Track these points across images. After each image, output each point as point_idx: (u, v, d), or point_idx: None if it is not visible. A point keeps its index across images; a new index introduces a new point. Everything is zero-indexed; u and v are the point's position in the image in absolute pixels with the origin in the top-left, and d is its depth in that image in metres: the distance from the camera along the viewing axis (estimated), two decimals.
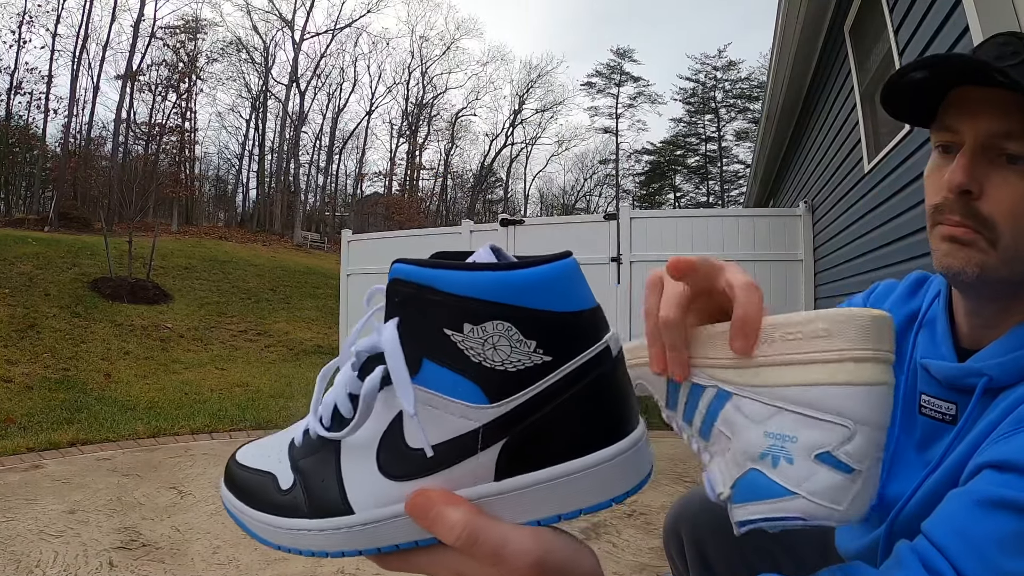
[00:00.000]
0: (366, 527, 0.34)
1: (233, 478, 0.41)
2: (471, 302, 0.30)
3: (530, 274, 0.30)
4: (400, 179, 35.44)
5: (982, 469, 0.50)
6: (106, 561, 2.25)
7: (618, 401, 0.33)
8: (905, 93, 0.63)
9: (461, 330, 0.30)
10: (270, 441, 0.43)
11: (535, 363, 0.31)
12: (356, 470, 0.35)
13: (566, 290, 0.31)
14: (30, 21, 22.19)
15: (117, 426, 4.33)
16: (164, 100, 24.73)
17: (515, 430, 0.31)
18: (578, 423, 0.32)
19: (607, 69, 38.14)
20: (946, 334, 0.65)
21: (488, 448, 0.32)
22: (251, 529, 0.39)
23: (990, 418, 0.55)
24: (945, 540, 0.45)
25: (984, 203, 0.57)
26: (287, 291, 12.04)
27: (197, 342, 8.11)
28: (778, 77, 5.23)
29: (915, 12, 2.59)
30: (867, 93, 3.61)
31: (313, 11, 38.19)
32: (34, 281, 8.73)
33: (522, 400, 0.31)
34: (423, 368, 0.32)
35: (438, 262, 0.31)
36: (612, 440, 0.32)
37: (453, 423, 0.32)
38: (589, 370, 0.32)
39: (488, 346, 0.30)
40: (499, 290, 0.30)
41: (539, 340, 0.30)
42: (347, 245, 6.93)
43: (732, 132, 35.55)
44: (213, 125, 45.32)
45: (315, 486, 0.36)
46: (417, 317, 0.31)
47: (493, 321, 0.30)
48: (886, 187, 3.17)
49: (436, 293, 0.31)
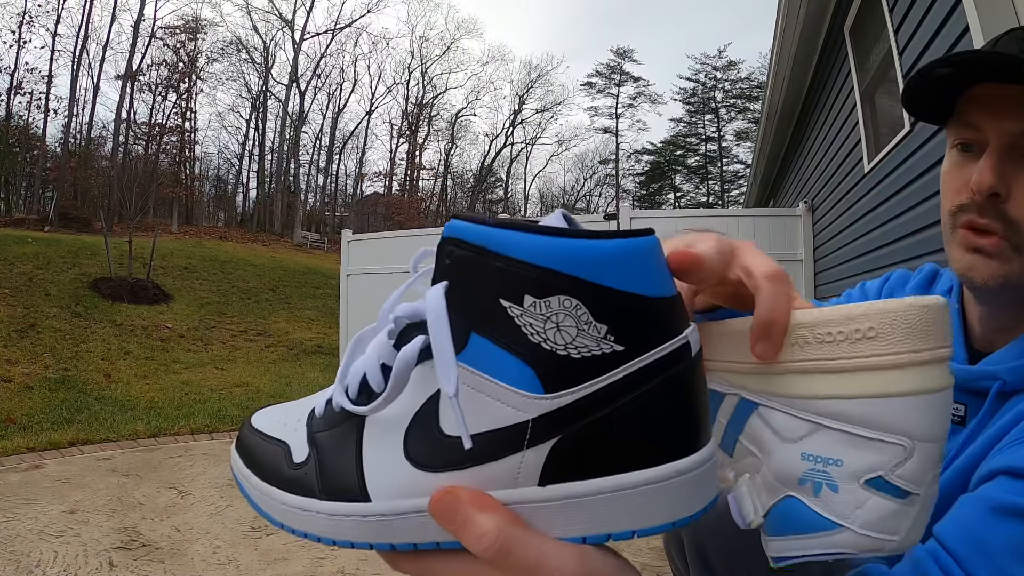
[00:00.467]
0: (382, 519, 0.30)
1: (244, 443, 0.38)
2: (536, 270, 0.26)
3: (610, 247, 0.26)
4: (400, 179, 35.46)
5: (995, 475, 0.49)
6: (106, 561, 2.25)
7: (694, 408, 0.29)
8: (926, 90, 0.61)
9: (521, 302, 0.26)
10: (291, 407, 0.39)
11: (604, 351, 0.26)
12: (379, 452, 0.31)
13: (648, 271, 0.27)
14: (30, 21, 22.21)
15: (117, 426, 4.33)
16: (164, 100, 24.74)
17: (571, 429, 0.27)
18: (645, 429, 0.27)
19: (607, 69, 38.20)
20: (958, 334, 0.65)
21: (536, 446, 0.27)
22: (256, 502, 0.35)
23: (1002, 422, 0.55)
24: (958, 546, 0.45)
25: (1012, 205, 0.56)
26: (287, 291, 12.04)
27: (197, 342, 8.11)
28: (778, 77, 5.23)
29: (915, 12, 2.59)
30: (867, 93, 3.61)
31: (313, 11, 38.22)
32: (34, 281, 8.72)
33: (584, 394, 0.27)
34: (470, 343, 0.27)
35: (503, 220, 0.27)
36: (682, 453, 0.28)
37: (498, 411, 0.27)
38: (665, 367, 0.27)
39: (551, 325, 0.26)
40: (571, 261, 0.26)
41: (611, 325, 0.26)
42: (347, 245, 6.93)
43: (732, 132, 35.61)
44: (213, 125, 45.29)
45: (331, 464, 0.32)
46: (470, 283, 0.27)
47: (560, 296, 0.26)
48: (886, 187, 3.17)
49: (496, 257, 0.26)
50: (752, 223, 5.28)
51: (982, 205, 0.57)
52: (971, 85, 0.59)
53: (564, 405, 0.27)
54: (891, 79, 3.04)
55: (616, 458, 0.27)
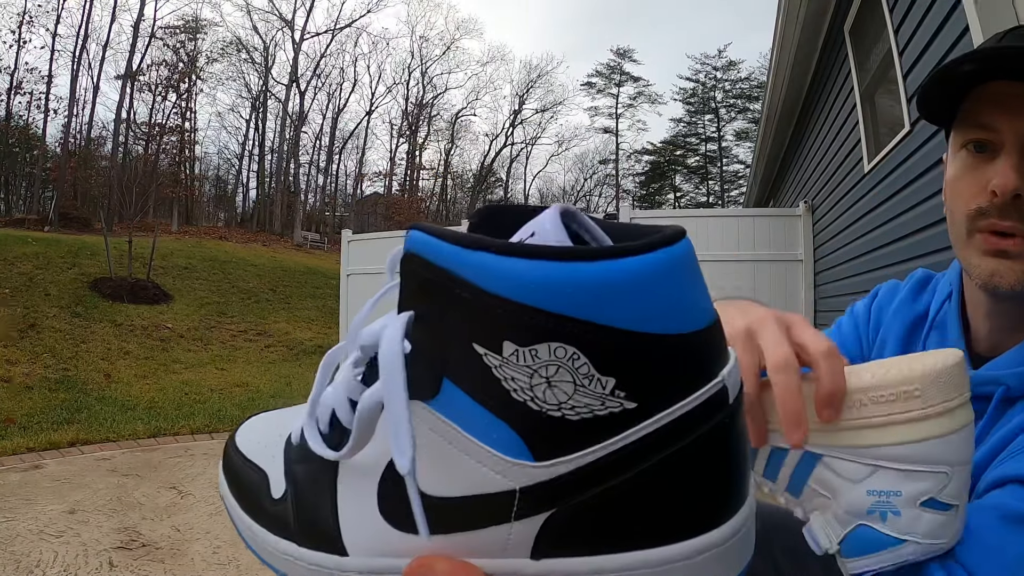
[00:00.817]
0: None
1: (229, 465, 0.35)
2: (516, 309, 0.19)
3: (624, 271, 0.19)
4: (400, 179, 35.46)
5: (1005, 483, 0.49)
6: (106, 561, 2.25)
7: (730, 469, 0.22)
8: (944, 89, 0.60)
9: (499, 351, 0.20)
10: (273, 421, 0.35)
11: (611, 411, 0.20)
12: (353, 502, 0.26)
13: (674, 296, 0.20)
14: (30, 21, 22.20)
15: (117, 426, 4.33)
16: (164, 100, 24.69)
17: (568, 502, 0.21)
18: (666, 500, 0.21)
19: (607, 69, 38.19)
20: (959, 339, 0.63)
21: (525, 519, 0.22)
22: (243, 534, 0.33)
23: (1007, 428, 0.54)
24: (970, 558, 0.44)
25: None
26: (287, 291, 12.04)
27: (197, 342, 8.11)
28: (778, 77, 5.23)
29: (915, 12, 2.59)
30: (867, 93, 3.61)
31: (313, 11, 38.16)
32: (34, 281, 8.72)
33: (584, 463, 0.21)
34: (443, 390, 0.22)
35: (474, 237, 0.20)
36: (713, 523, 0.22)
37: (479, 474, 0.22)
38: (694, 424, 0.21)
39: (539, 380, 0.20)
40: (566, 293, 0.19)
41: (621, 376, 0.20)
42: (347, 245, 6.94)
43: (732, 132, 35.61)
44: (213, 125, 45.32)
45: (307, 507, 0.28)
46: (439, 316, 0.21)
47: (550, 343, 0.19)
48: (886, 187, 3.17)
49: (465, 287, 0.20)
50: (752, 223, 5.28)
51: (1004, 207, 0.55)
52: (983, 83, 0.58)
53: (560, 476, 0.21)
54: (891, 79, 3.04)
55: (629, 534, 0.22)
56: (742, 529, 0.23)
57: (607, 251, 0.19)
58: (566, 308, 0.19)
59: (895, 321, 0.72)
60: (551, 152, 49.91)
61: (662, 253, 0.20)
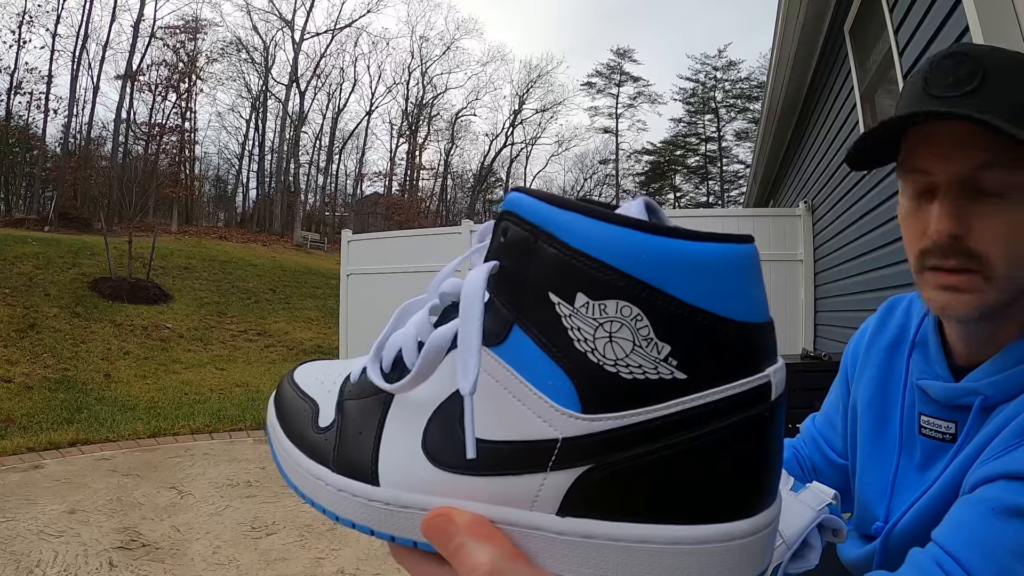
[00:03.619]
0: (385, 508, 0.28)
1: (281, 395, 0.36)
2: (595, 265, 0.22)
3: (695, 250, 0.21)
4: (400, 179, 35.48)
5: (993, 480, 0.49)
6: (106, 561, 2.25)
7: (763, 463, 0.23)
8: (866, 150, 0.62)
9: (572, 300, 0.22)
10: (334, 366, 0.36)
11: (661, 377, 0.22)
12: (398, 436, 0.28)
13: (738, 289, 0.22)
14: (30, 21, 22.21)
15: (117, 426, 4.33)
16: (164, 100, 24.74)
17: (606, 460, 0.23)
18: (699, 478, 0.23)
19: (607, 69, 38.22)
20: (939, 354, 0.65)
21: (562, 470, 0.23)
22: (278, 457, 0.34)
23: (985, 432, 0.56)
24: (961, 550, 0.45)
25: (973, 240, 0.56)
26: (287, 291, 12.04)
27: (197, 342, 8.12)
28: (778, 77, 5.23)
29: (915, 12, 2.59)
30: (867, 93, 3.61)
31: (313, 11, 38.21)
32: (34, 281, 8.72)
33: (626, 423, 0.22)
34: (510, 336, 0.24)
35: (571, 200, 0.23)
36: (740, 514, 0.23)
37: (525, 421, 0.24)
38: (736, 409, 0.22)
39: (602, 333, 0.22)
40: (642, 260, 0.21)
41: (676, 347, 0.22)
42: (347, 245, 6.93)
43: (732, 132, 35.63)
44: (213, 125, 45.33)
45: (350, 436, 0.30)
46: (522, 267, 0.24)
47: (619, 301, 0.21)
48: (886, 187, 3.17)
49: (552, 241, 0.22)
50: (752, 223, 5.28)
51: (944, 249, 0.57)
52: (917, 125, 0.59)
53: (602, 431, 0.23)
54: (891, 79, 3.04)
55: (658, 505, 0.23)
56: (766, 528, 0.24)
57: (686, 232, 0.22)
58: (640, 272, 0.21)
59: (870, 355, 0.75)
60: (551, 152, 50.06)
61: (733, 247, 0.22)
